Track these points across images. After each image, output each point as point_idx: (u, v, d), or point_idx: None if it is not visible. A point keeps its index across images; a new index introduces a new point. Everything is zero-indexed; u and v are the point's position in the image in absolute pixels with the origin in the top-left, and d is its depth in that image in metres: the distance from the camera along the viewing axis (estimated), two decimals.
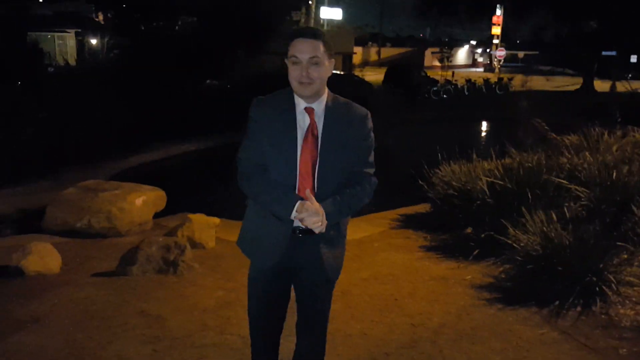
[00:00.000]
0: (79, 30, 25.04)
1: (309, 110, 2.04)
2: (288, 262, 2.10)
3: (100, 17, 25.91)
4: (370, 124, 2.08)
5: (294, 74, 1.97)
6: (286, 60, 2.00)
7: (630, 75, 28.70)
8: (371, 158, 2.11)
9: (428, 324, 3.46)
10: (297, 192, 2.01)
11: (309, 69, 1.95)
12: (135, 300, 3.75)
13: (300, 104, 2.04)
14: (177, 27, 16.76)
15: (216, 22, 15.60)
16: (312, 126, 2.02)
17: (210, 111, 12.36)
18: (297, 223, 2.02)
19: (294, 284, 2.22)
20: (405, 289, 4.04)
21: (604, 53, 29.34)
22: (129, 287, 3.96)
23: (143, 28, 15.57)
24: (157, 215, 6.11)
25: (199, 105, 12.51)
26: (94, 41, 20.15)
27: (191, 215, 5.20)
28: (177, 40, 14.87)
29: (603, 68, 28.51)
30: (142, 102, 11.04)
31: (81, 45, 24.47)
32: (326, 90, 2.07)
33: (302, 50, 1.94)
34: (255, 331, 2.26)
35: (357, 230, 5.57)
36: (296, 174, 2.01)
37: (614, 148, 5.82)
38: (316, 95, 2.02)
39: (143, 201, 5.81)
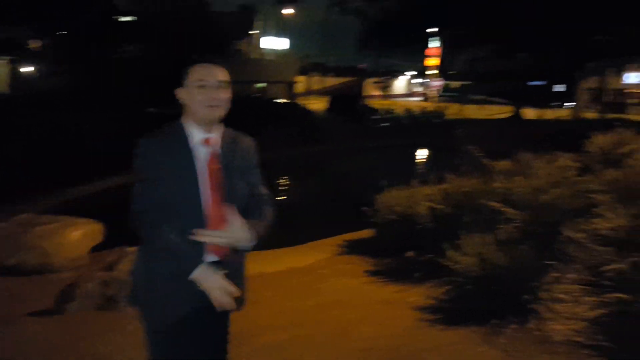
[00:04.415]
0: (12, 57, 24.17)
1: (208, 141, 1.92)
2: (198, 300, 1.86)
3: (35, 44, 25.13)
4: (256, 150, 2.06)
5: (201, 98, 1.86)
6: (183, 89, 1.90)
7: (558, 104, 30.62)
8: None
9: (376, 347, 3.51)
10: (210, 227, 1.86)
11: (218, 91, 1.88)
12: (75, 339, 3.60)
13: (196, 135, 1.91)
14: (120, 56, 16.54)
15: (160, 50, 15.52)
16: (213, 157, 1.91)
17: None
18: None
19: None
20: (353, 314, 4.09)
21: (533, 83, 31.23)
22: (67, 325, 3.81)
23: (83, 55, 15.27)
24: (94, 249, 5.90)
25: (139, 135, 12.26)
26: (28, 68, 19.52)
27: (130, 249, 5.06)
28: (118, 68, 14.65)
29: (532, 97, 30.23)
30: (77, 131, 10.74)
31: (14, 72, 23.60)
32: None
33: (210, 74, 1.88)
34: None
35: (304, 257, 5.61)
36: (202, 212, 1.87)
37: (544, 172, 6.16)
38: (217, 123, 1.93)
39: (79, 235, 5.62)
